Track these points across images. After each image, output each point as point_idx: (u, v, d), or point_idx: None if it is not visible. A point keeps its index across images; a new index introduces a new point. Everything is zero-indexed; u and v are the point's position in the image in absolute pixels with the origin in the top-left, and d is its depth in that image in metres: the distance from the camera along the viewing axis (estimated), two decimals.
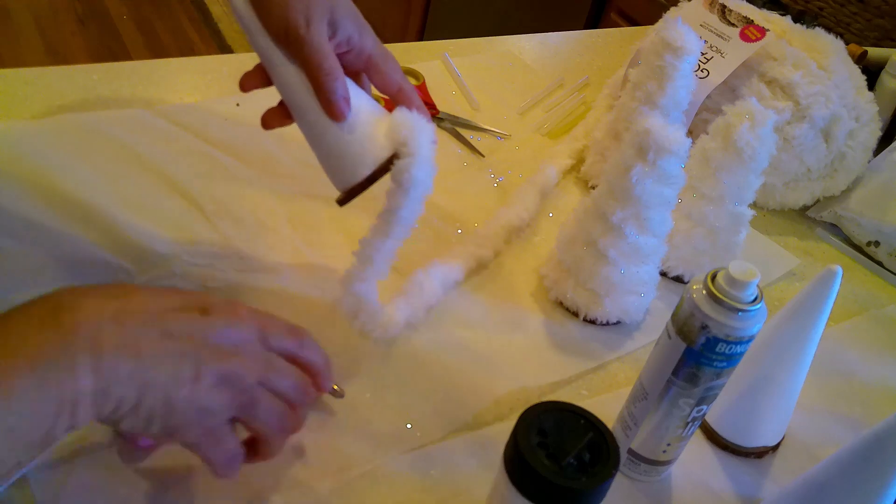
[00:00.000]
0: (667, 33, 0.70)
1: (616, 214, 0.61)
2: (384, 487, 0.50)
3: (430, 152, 0.52)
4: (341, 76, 0.50)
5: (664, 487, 0.56)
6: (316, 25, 0.49)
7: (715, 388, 0.49)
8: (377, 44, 0.55)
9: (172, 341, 0.39)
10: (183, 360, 0.39)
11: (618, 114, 0.79)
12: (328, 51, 0.50)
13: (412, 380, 0.58)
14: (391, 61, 0.55)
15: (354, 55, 0.54)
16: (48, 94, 0.75)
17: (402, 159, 0.51)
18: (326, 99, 0.50)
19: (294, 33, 0.49)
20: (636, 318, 0.68)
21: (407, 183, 0.52)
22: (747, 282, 0.45)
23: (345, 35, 0.52)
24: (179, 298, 0.42)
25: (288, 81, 0.52)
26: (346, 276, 0.57)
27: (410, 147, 0.51)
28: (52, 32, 2.47)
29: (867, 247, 0.86)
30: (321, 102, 0.51)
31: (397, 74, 0.55)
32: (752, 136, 0.66)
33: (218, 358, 0.41)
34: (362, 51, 0.54)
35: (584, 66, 1.10)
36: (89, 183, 0.65)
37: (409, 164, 0.51)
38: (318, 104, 0.51)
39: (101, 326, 0.37)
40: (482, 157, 0.85)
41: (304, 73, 0.51)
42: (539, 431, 0.39)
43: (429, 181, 0.53)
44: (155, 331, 0.39)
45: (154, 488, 0.47)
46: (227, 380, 0.41)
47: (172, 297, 0.42)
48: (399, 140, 0.51)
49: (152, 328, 0.39)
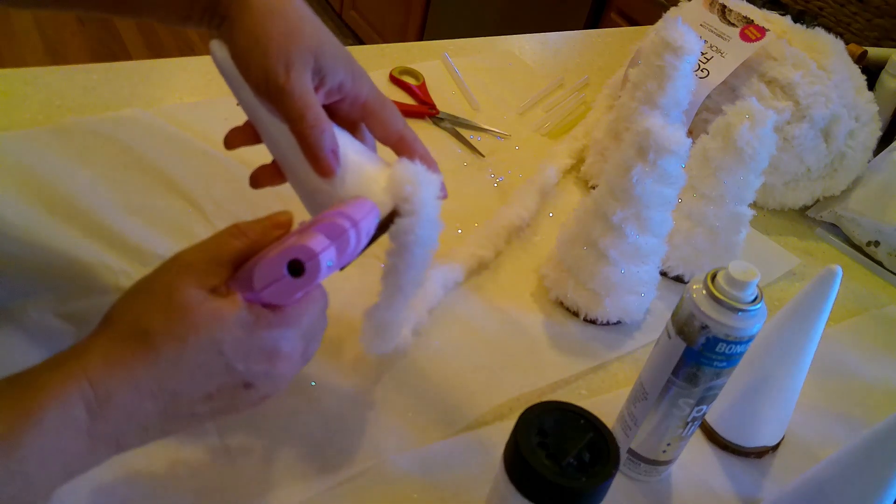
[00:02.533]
0: (667, 33, 0.70)
1: (616, 214, 0.61)
2: (384, 487, 0.50)
3: (435, 209, 0.48)
4: (328, 128, 0.46)
5: (664, 487, 0.56)
6: (297, 73, 0.45)
7: (715, 388, 0.49)
8: (374, 90, 0.50)
9: (199, 421, 0.40)
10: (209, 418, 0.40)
11: (618, 114, 0.79)
12: (311, 101, 0.45)
13: (412, 380, 0.58)
14: (390, 108, 0.51)
15: (349, 104, 0.50)
16: (48, 94, 0.75)
17: (403, 217, 0.47)
18: (312, 154, 0.46)
19: (273, 83, 0.45)
20: (636, 318, 0.68)
21: (409, 243, 0.47)
22: (747, 282, 0.45)
23: (335, 82, 0.47)
24: (224, 377, 0.39)
25: (273, 137, 0.48)
26: (363, 339, 0.54)
27: (413, 204, 0.46)
28: (52, 32, 2.47)
29: (867, 247, 0.86)
30: (307, 157, 0.46)
31: (398, 121, 0.51)
32: (752, 136, 0.66)
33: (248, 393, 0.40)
34: (357, 98, 0.49)
35: (584, 66, 1.10)
36: (89, 186, 0.65)
37: (411, 224, 0.47)
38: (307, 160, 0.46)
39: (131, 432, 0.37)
40: (482, 157, 0.85)
41: (288, 126, 0.46)
42: (539, 431, 0.39)
43: (434, 239, 0.49)
44: (185, 421, 0.39)
45: (153, 488, 0.47)
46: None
47: (214, 379, 0.39)
48: (400, 195, 0.46)
49: (184, 420, 0.39)
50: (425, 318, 0.63)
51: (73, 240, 0.60)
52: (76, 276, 0.57)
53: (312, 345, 0.43)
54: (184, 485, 0.47)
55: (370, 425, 0.54)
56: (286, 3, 0.46)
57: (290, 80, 0.44)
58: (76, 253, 0.59)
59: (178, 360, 0.37)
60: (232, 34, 0.46)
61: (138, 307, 0.38)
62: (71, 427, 0.35)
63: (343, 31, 2.93)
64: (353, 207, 0.44)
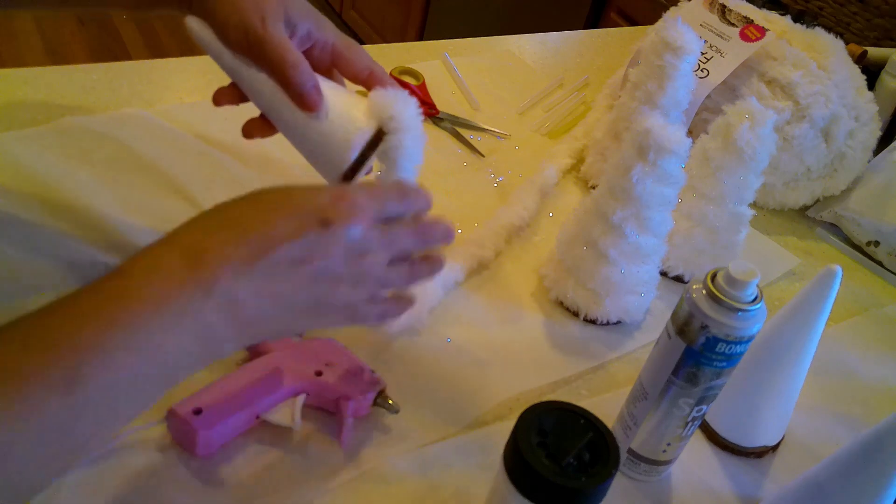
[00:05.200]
0: (667, 33, 0.70)
1: (616, 214, 0.61)
2: (384, 487, 0.50)
3: (418, 123, 0.51)
4: (307, 67, 0.50)
5: (664, 487, 0.56)
6: (272, 23, 0.49)
7: (715, 388, 0.49)
8: (338, 34, 0.55)
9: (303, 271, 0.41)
10: (317, 285, 0.42)
11: (618, 114, 0.79)
12: (289, 45, 0.50)
13: (412, 380, 0.58)
14: (356, 48, 0.55)
15: (319, 49, 0.54)
16: (48, 93, 0.74)
17: (391, 134, 0.50)
18: (296, 92, 0.49)
19: (253, 34, 0.49)
20: (636, 318, 0.68)
21: (399, 157, 0.51)
22: (747, 282, 0.45)
23: (304, 30, 0.52)
24: (295, 220, 0.41)
25: (258, 89, 0.52)
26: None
27: (398, 120, 0.50)
28: (52, 32, 2.47)
29: (867, 247, 0.86)
30: (292, 97, 0.50)
31: (366, 59, 0.55)
32: (752, 136, 0.66)
33: (350, 265, 0.43)
34: (325, 43, 0.54)
35: (584, 66, 1.10)
36: (89, 186, 0.65)
37: (399, 138, 0.50)
38: (291, 101, 0.50)
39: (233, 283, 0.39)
40: (482, 157, 0.85)
41: (271, 74, 0.50)
42: (539, 431, 0.39)
43: (420, 152, 0.52)
44: (283, 268, 0.40)
45: (153, 488, 0.47)
46: (360, 278, 0.44)
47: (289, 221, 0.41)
48: (383, 116, 0.50)
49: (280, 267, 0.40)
50: (425, 318, 0.63)
51: (73, 240, 0.60)
52: (76, 276, 0.57)
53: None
54: (181, 487, 0.47)
55: (370, 425, 0.54)
56: None
57: (267, 30, 0.49)
58: (76, 253, 0.59)
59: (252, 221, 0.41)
60: (208, 6, 0.50)
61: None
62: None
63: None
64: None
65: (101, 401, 0.36)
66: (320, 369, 0.53)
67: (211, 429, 0.47)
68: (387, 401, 0.53)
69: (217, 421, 0.48)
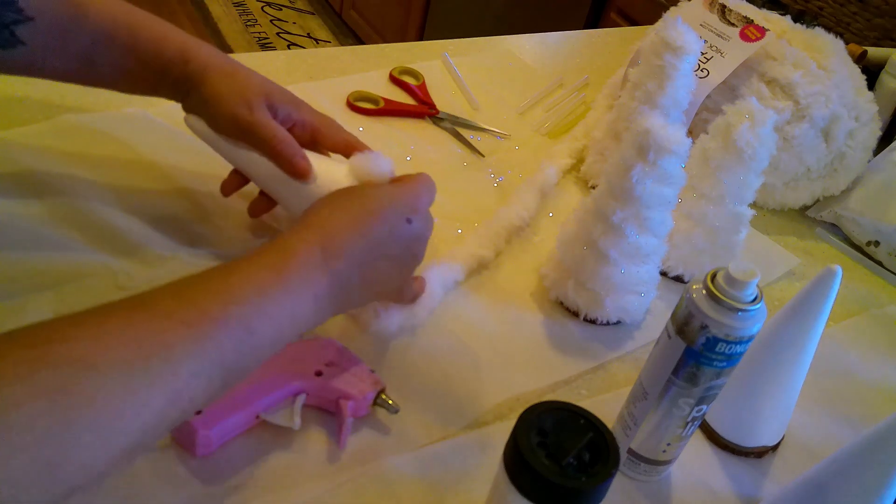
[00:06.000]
0: (667, 33, 0.70)
1: (616, 214, 0.61)
2: (384, 487, 0.50)
3: (391, 177, 0.57)
4: (293, 141, 0.57)
5: (664, 487, 0.56)
6: (258, 109, 0.57)
7: (715, 387, 0.49)
8: (315, 113, 0.62)
9: (392, 261, 0.53)
10: (398, 269, 0.54)
11: (618, 114, 0.79)
12: (274, 125, 0.57)
13: (412, 380, 0.58)
14: (332, 123, 0.63)
15: (299, 128, 0.61)
16: (48, 93, 0.74)
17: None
18: (287, 162, 0.57)
19: (243, 120, 0.57)
20: (636, 318, 0.68)
21: None
22: (747, 281, 0.45)
23: (284, 112, 0.60)
24: (392, 219, 0.52)
25: (255, 168, 0.59)
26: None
27: (375, 177, 0.55)
28: None
29: (867, 246, 0.86)
30: (283, 167, 0.57)
31: (342, 132, 0.62)
32: (752, 136, 0.66)
33: (416, 249, 0.55)
34: (304, 122, 0.61)
35: (584, 66, 1.10)
36: (88, 185, 0.65)
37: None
38: (283, 171, 0.57)
39: (349, 271, 0.49)
40: (482, 157, 0.85)
41: (263, 152, 0.57)
42: (539, 431, 0.39)
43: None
44: (381, 261, 0.52)
45: (152, 489, 0.47)
46: (415, 261, 0.56)
47: (387, 221, 0.52)
48: (362, 174, 0.56)
49: (379, 260, 0.52)
50: (425, 318, 0.63)
51: (73, 239, 0.60)
52: (76, 276, 0.57)
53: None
54: (181, 487, 0.47)
55: (370, 425, 0.54)
56: (236, 66, 0.59)
57: (254, 115, 0.57)
58: (76, 253, 0.59)
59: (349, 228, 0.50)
60: (199, 99, 0.58)
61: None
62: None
63: (343, 30, 2.93)
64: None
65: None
66: (320, 369, 0.53)
67: (211, 428, 0.48)
68: (387, 401, 0.53)
69: (217, 420, 0.48)
